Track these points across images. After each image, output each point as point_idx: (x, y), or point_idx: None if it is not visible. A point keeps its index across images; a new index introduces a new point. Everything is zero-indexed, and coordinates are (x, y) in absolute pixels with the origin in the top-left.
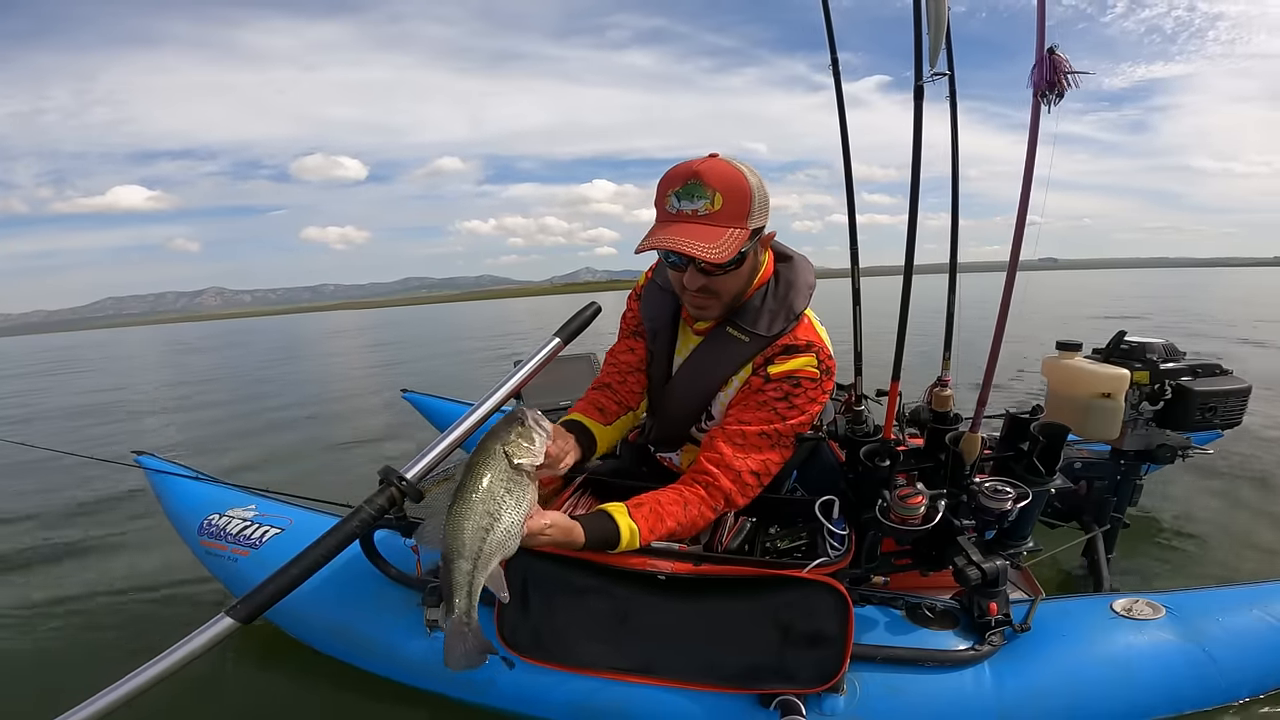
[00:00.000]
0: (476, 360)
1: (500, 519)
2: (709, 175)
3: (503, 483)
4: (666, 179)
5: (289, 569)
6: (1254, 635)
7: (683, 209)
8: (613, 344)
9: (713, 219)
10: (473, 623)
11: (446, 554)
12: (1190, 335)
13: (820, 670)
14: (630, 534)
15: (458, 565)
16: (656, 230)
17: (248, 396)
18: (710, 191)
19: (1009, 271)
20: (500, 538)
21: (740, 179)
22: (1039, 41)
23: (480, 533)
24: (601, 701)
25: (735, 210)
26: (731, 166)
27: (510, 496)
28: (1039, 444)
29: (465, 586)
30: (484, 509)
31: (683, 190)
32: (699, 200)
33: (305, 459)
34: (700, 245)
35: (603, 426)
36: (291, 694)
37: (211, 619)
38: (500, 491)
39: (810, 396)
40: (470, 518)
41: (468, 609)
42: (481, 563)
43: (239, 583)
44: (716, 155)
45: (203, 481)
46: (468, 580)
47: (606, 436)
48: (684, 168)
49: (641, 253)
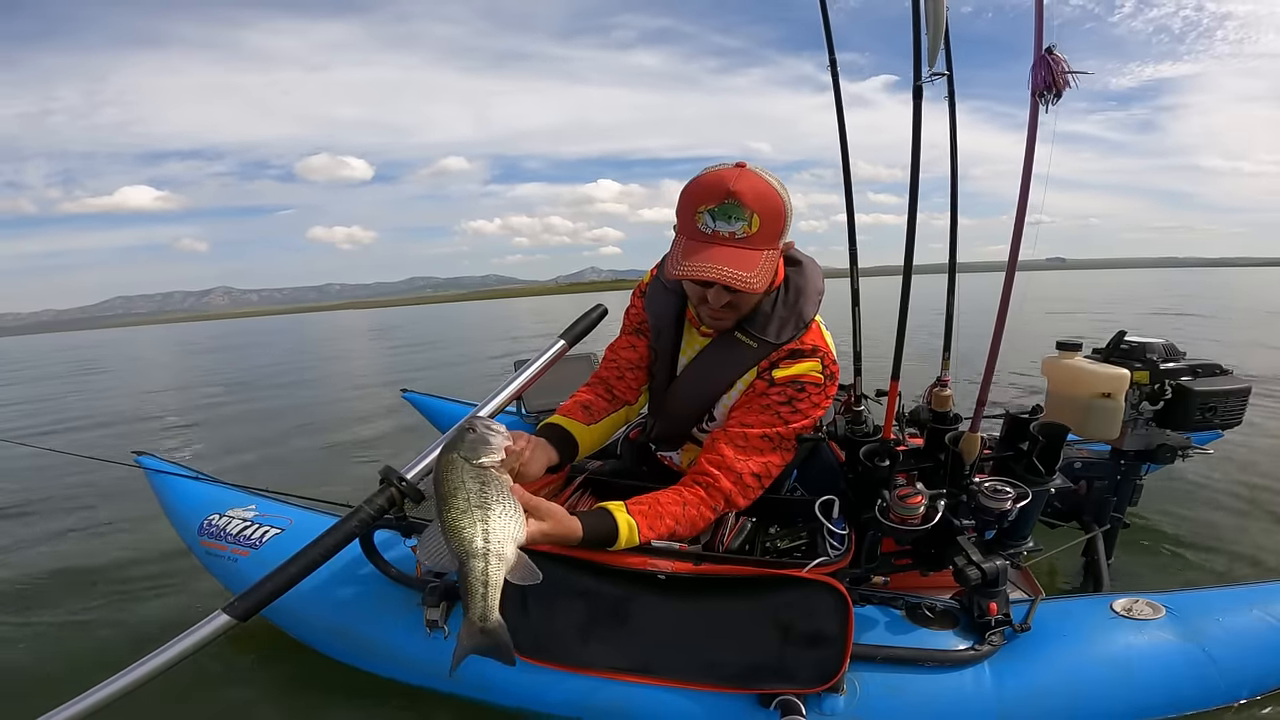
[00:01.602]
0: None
1: (490, 509)
2: (747, 195)
3: (474, 480)
4: (698, 193)
5: (287, 567)
6: (1254, 635)
7: (719, 230)
8: (614, 339)
9: (750, 243)
10: (490, 623)
11: (458, 557)
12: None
13: (820, 670)
14: (629, 529)
15: (471, 565)
16: (690, 253)
17: (264, 396)
18: (749, 213)
19: (1008, 270)
20: (499, 527)
21: (776, 198)
22: (1037, 41)
23: (478, 526)
24: (601, 701)
25: (771, 231)
26: (766, 183)
27: (488, 489)
28: (1039, 444)
29: (482, 586)
30: (471, 504)
31: (719, 210)
32: (736, 223)
33: (305, 459)
34: (741, 275)
35: (585, 426)
36: (291, 694)
37: (208, 616)
38: (475, 487)
39: (814, 401)
40: (461, 516)
41: (484, 611)
42: (492, 557)
43: (239, 583)
44: (745, 166)
45: (203, 481)
46: (483, 579)
47: (590, 436)
48: (718, 182)
49: (678, 278)
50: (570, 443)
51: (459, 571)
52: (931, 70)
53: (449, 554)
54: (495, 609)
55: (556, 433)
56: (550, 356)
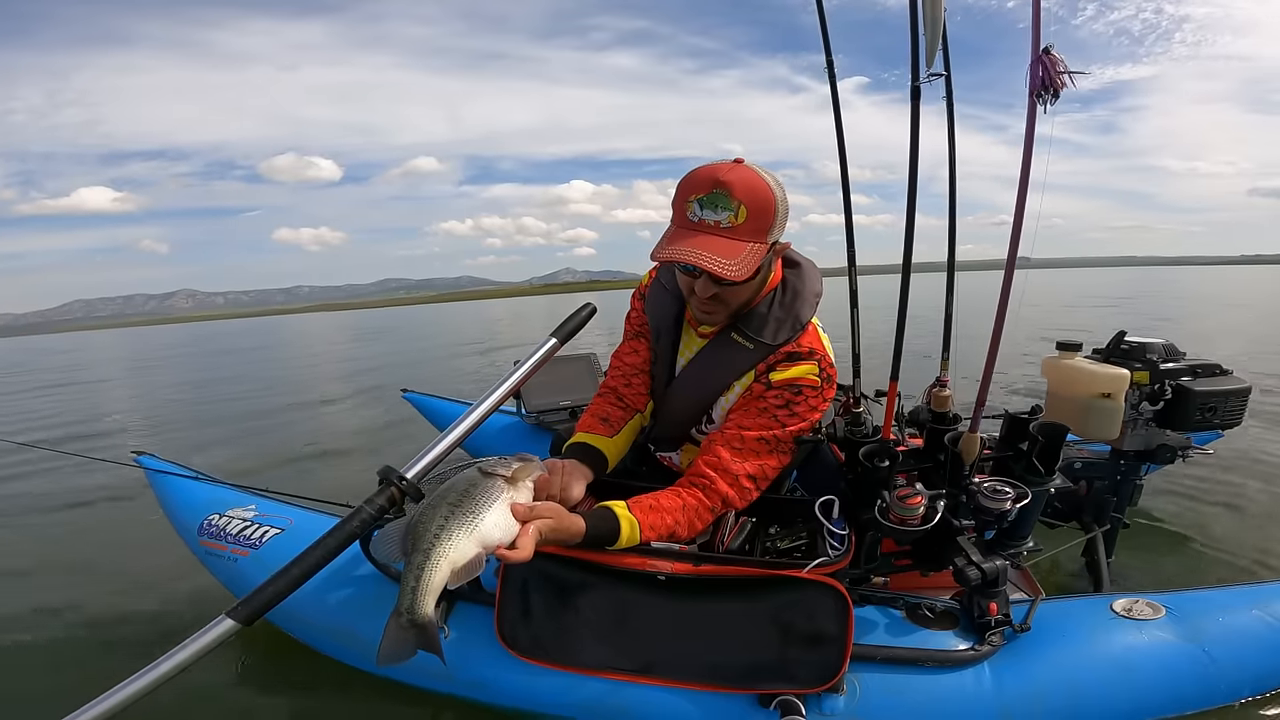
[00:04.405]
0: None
1: (461, 504)
2: (736, 186)
3: (469, 478)
4: (690, 182)
5: (289, 570)
6: (1254, 635)
7: (705, 218)
8: (617, 346)
9: (735, 233)
10: (416, 615)
11: (407, 546)
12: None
13: (820, 670)
14: (630, 528)
15: (411, 559)
16: (675, 239)
17: (248, 397)
18: (735, 204)
19: (1007, 270)
20: (459, 523)
21: (767, 192)
22: (1034, 41)
23: (435, 521)
24: (601, 701)
25: (758, 225)
26: (759, 177)
27: (471, 495)
28: (1038, 444)
29: (414, 580)
30: (443, 501)
31: (707, 199)
32: (723, 212)
33: (305, 459)
34: (719, 261)
35: (609, 439)
36: (292, 694)
37: (212, 621)
38: (463, 485)
39: (811, 404)
40: (432, 509)
41: (411, 604)
42: (435, 555)
43: (239, 583)
44: (742, 161)
45: (203, 481)
46: (416, 573)
47: (615, 447)
48: (710, 173)
49: (659, 261)
50: (600, 459)
51: (403, 560)
52: (929, 71)
53: (401, 543)
54: (427, 606)
55: (588, 452)
56: (542, 354)
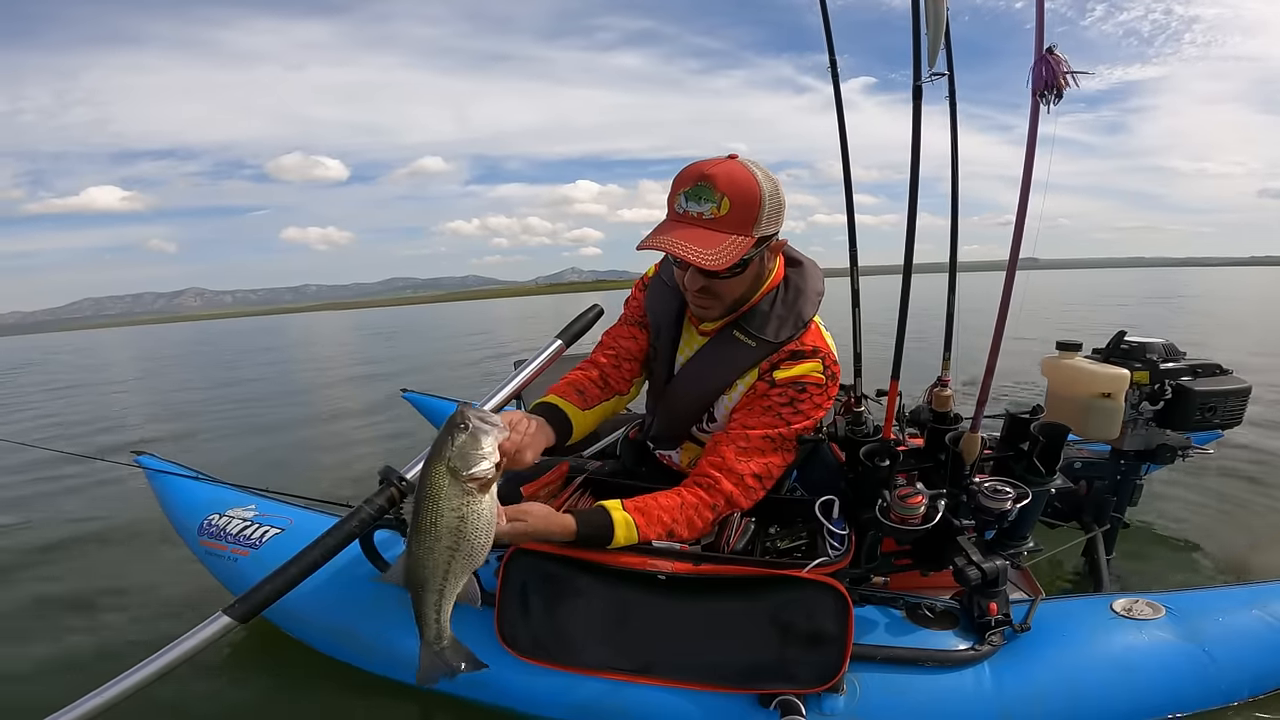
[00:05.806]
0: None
1: (459, 546)
2: (720, 179)
3: (454, 508)
4: (679, 177)
5: (287, 568)
6: (1254, 635)
7: (688, 210)
8: (613, 325)
9: (716, 224)
10: (444, 641)
11: (411, 587)
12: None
13: (820, 670)
14: (626, 527)
15: (425, 598)
16: (659, 229)
17: (256, 398)
18: (718, 196)
19: (1008, 270)
20: (462, 562)
21: (752, 185)
22: (1038, 40)
23: (441, 564)
24: (601, 701)
25: (741, 217)
26: (746, 171)
27: (467, 519)
28: (1039, 444)
29: (434, 614)
30: (442, 544)
31: (691, 191)
32: (705, 204)
33: (305, 459)
34: (696, 251)
35: (579, 410)
36: (291, 694)
37: (209, 618)
38: (454, 521)
39: (815, 402)
40: (431, 551)
41: (437, 635)
42: (448, 590)
43: (239, 583)
44: (735, 156)
45: (202, 481)
46: (435, 609)
47: (583, 421)
48: (697, 168)
49: (640, 250)
50: (566, 425)
51: (413, 595)
52: (932, 70)
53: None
54: (449, 631)
55: (555, 413)
56: (547, 356)
